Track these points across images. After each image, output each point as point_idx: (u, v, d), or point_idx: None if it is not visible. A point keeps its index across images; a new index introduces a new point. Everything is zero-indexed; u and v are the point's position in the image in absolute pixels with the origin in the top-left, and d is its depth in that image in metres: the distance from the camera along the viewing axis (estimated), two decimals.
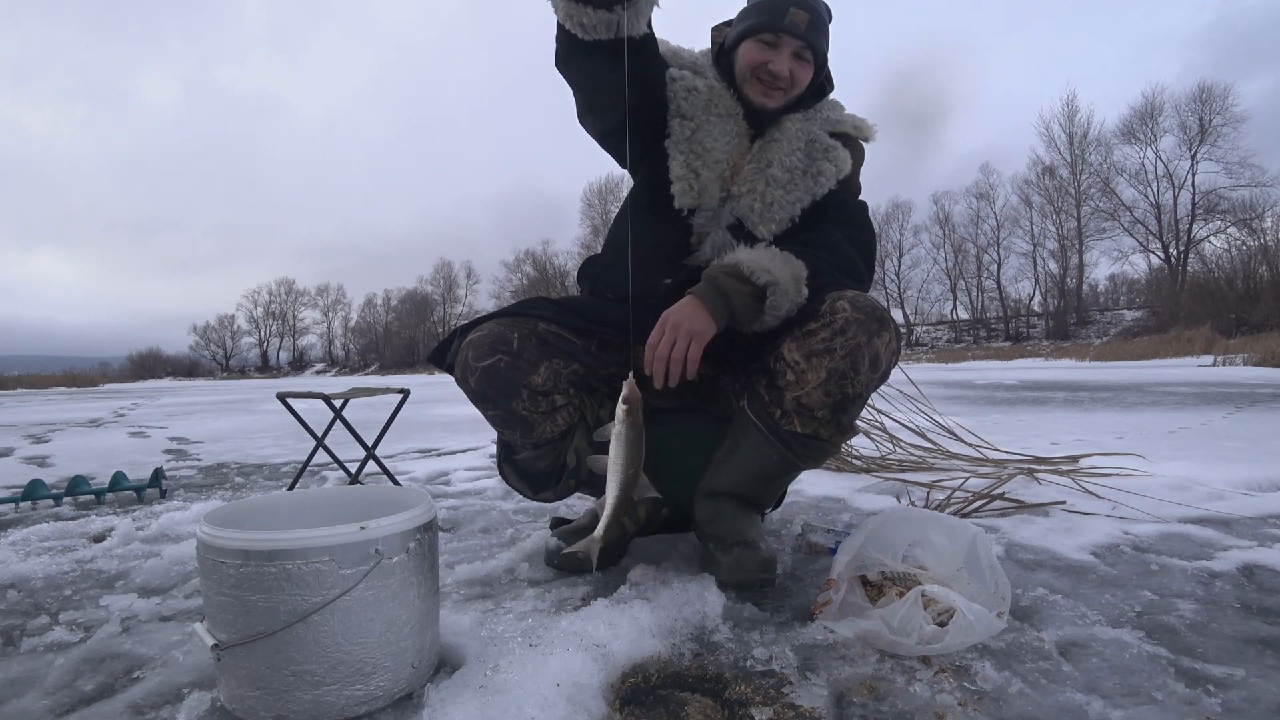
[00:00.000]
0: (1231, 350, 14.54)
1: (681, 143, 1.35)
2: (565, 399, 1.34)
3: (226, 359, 58.59)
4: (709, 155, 1.35)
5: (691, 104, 1.36)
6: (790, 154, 1.36)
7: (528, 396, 1.30)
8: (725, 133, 1.35)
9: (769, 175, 1.35)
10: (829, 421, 1.28)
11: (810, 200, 1.37)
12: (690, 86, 1.37)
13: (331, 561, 0.86)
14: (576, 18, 1.09)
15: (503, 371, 1.28)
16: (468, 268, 55.30)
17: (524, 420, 1.32)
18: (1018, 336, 36.05)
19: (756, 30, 1.32)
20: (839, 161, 1.37)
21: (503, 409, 1.31)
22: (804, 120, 1.39)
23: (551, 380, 1.31)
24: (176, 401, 11.51)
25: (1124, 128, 33.13)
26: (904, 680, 0.96)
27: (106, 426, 6.32)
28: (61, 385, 27.79)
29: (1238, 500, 1.93)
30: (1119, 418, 4.50)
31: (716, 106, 1.36)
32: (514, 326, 1.31)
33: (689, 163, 1.35)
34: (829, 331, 1.21)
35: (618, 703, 0.92)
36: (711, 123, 1.35)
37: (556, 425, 1.34)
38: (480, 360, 1.28)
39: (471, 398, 1.33)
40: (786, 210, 1.35)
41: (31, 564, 1.60)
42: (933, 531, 1.20)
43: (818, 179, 1.36)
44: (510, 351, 1.28)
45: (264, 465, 3.34)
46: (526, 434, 1.34)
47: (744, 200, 1.35)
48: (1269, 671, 0.97)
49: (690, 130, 1.35)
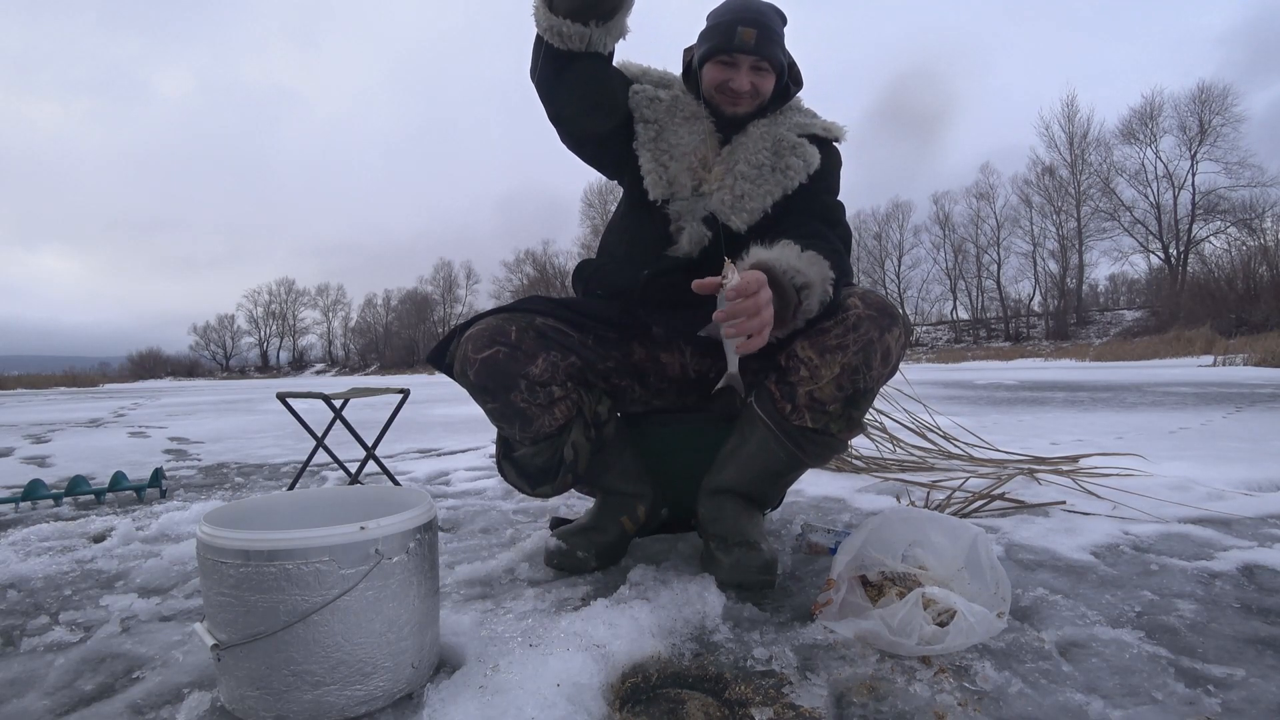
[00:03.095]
0: (1231, 350, 14.53)
1: (648, 143, 1.44)
2: (563, 391, 1.36)
3: (226, 359, 58.61)
4: (676, 150, 1.42)
5: (654, 110, 1.46)
6: (757, 152, 1.41)
7: (526, 388, 1.31)
8: (692, 132, 1.43)
9: (737, 172, 1.40)
10: (840, 416, 1.29)
11: (781, 193, 1.40)
12: (652, 96, 1.47)
13: (331, 561, 0.86)
14: (556, 28, 1.20)
15: (501, 363, 1.29)
16: (468, 268, 55.39)
17: (522, 413, 1.33)
18: (1018, 336, 36.04)
19: (713, 53, 1.39)
20: (806, 157, 1.41)
21: (501, 401, 1.32)
22: (770, 124, 1.44)
23: (549, 372, 1.33)
24: (176, 401, 11.51)
25: (1124, 128, 33.19)
26: (904, 680, 0.96)
27: (106, 426, 6.32)
28: (61, 385, 27.79)
29: (1238, 500, 1.93)
30: (1119, 418, 4.50)
31: (681, 111, 1.45)
32: (512, 320, 1.33)
33: (656, 157, 1.42)
34: (842, 328, 1.24)
35: (618, 703, 0.92)
36: (677, 124, 1.44)
37: (554, 418, 1.35)
38: (479, 352, 1.30)
39: (471, 390, 1.35)
40: (758, 202, 1.39)
41: (31, 564, 1.60)
42: (933, 531, 1.20)
43: (786, 173, 1.40)
44: (508, 343, 1.30)
45: (264, 465, 3.34)
46: (525, 427, 1.35)
47: (715, 195, 1.40)
48: (1269, 671, 0.97)
49: (655, 131, 1.44)
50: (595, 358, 1.41)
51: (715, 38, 1.37)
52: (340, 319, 59.93)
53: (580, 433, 1.39)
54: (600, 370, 1.43)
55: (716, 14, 1.41)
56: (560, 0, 1.18)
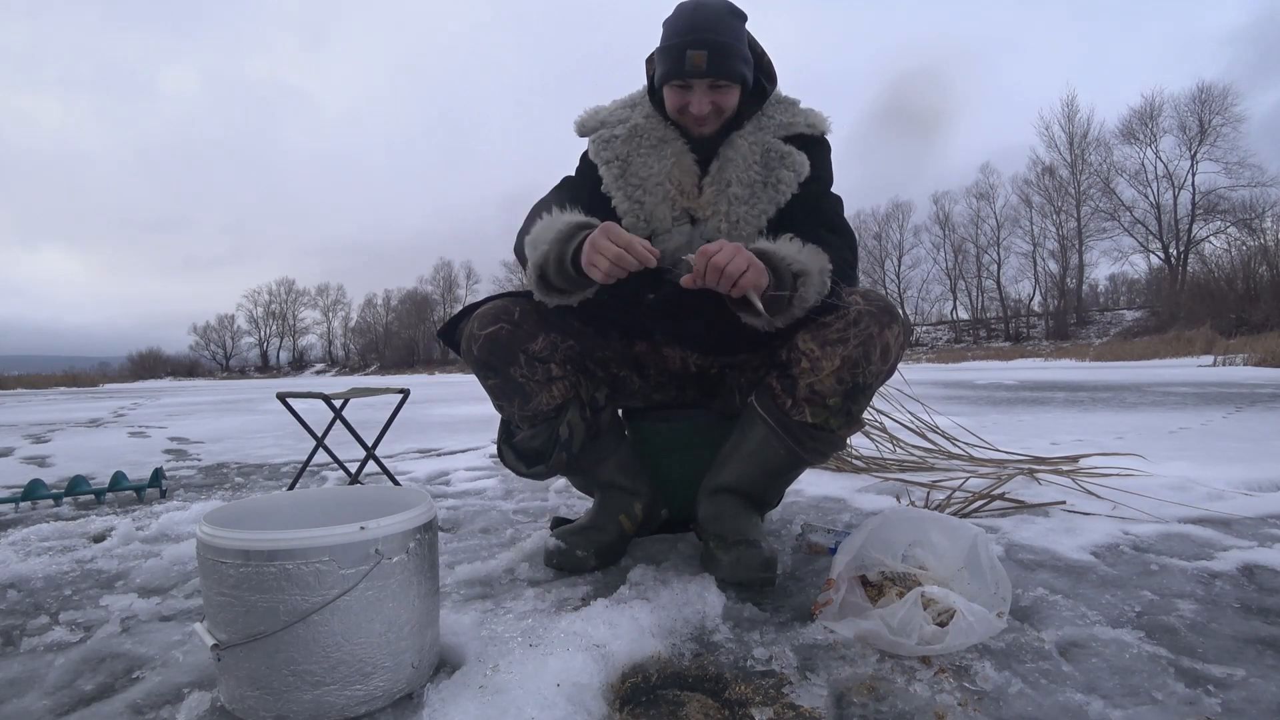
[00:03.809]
0: (1231, 350, 14.52)
1: (615, 181, 1.41)
2: (561, 371, 1.39)
3: (226, 359, 58.62)
4: (648, 182, 1.39)
5: (612, 149, 1.42)
6: (747, 169, 1.38)
7: (525, 362, 1.35)
8: (660, 157, 1.40)
9: (730, 195, 1.38)
10: (839, 411, 1.30)
11: (775, 209, 1.39)
12: (608, 138, 1.44)
13: (331, 561, 0.86)
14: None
15: (503, 338, 1.34)
16: (468, 268, 55.40)
17: (521, 389, 1.37)
18: (1018, 336, 36.05)
19: (667, 78, 1.36)
20: (796, 167, 1.39)
21: (502, 376, 1.36)
22: (756, 130, 1.41)
23: (548, 350, 1.37)
24: (176, 401, 11.51)
25: (1124, 128, 33.19)
26: (904, 680, 0.96)
27: (106, 426, 6.32)
28: (61, 385, 27.77)
29: (1238, 500, 1.93)
30: (1119, 418, 4.50)
31: (644, 139, 1.42)
32: (517, 302, 1.39)
33: (629, 194, 1.40)
34: (843, 323, 1.25)
35: (618, 703, 0.92)
36: (642, 154, 1.41)
37: (552, 397, 1.38)
38: (484, 329, 1.35)
39: (475, 366, 1.39)
40: (753, 224, 1.38)
41: (31, 564, 1.60)
42: (933, 531, 1.20)
43: (778, 187, 1.39)
44: (512, 321, 1.35)
45: (264, 465, 3.34)
46: (524, 404, 1.38)
47: (710, 223, 1.39)
48: (1269, 671, 0.97)
49: (619, 168, 1.41)
50: (594, 345, 1.45)
51: (667, 62, 1.33)
52: (340, 319, 60.05)
53: (576, 413, 1.41)
54: (599, 358, 1.47)
55: (667, 33, 1.35)
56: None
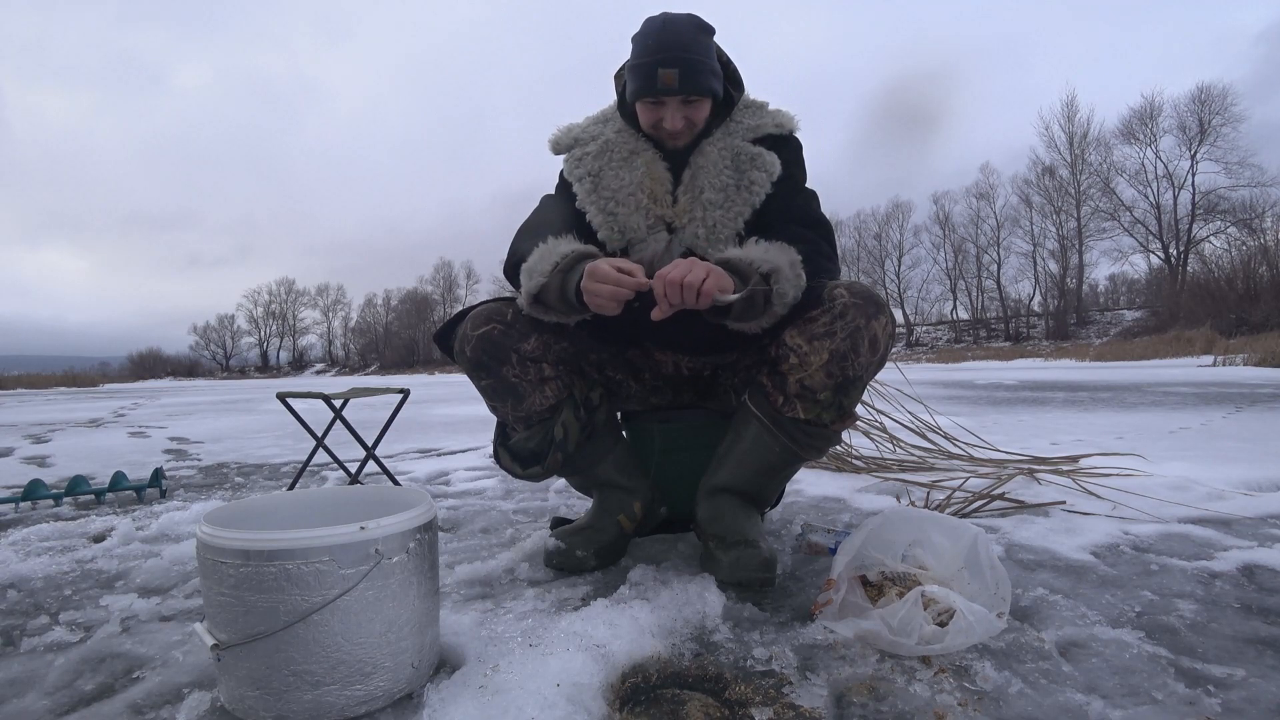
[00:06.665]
0: (1231, 350, 14.51)
1: (589, 196, 1.42)
2: (554, 371, 1.39)
3: (226, 359, 58.64)
4: (619, 193, 1.40)
5: (584, 166, 1.44)
6: (719, 174, 1.39)
7: (517, 362, 1.36)
8: (631, 169, 1.41)
9: (704, 201, 1.38)
10: (831, 405, 1.30)
11: (750, 211, 1.39)
12: (580, 156, 1.45)
13: (331, 561, 0.86)
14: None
15: (496, 338, 1.35)
16: (468, 268, 55.39)
17: (514, 389, 1.37)
18: (1018, 336, 36.05)
19: (639, 95, 1.36)
20: (768, 167, 1.40)
21: (495, 377, 1.37)
22: (724, 136, 1.42)
23: (541, 349, 1.37)
24: (176, 401, 11.51)
25: (1123, 128, 33.17)
26: (904, 680, 0.96)
27: (106, 426, 6.32)
28: (61, 385, 27.77)
29: (1238, 500, 1.93)
30: (1119, 418, 4.50)
31: (615, 152, 1.43)
32: (510, 304, 1.39)
33: (602, 207, 1.41)
34: (829, 316, 1.25)
35: (618, 703, 0.92)
36: (613, 166, 1.42)
37: (545, 397, 1.38)
38: (477, 329, 1.36)
39: (468, 367, 1.39)
40: (729, 227, 1.38)
41: (31, 564, 1.60)
42: (933, 531, 1.20)
43: (752, 189, 1.39)
44: (504, 321, 1.36)
45: (264, 465, 3.34)
46: (517, 404, 1.38)
47: (688, 230, 1.39)
48: (1269, 671, 0.97)
49: (592, 183, 1.43)
50: (587, 347, 1.45)
51: (639, 79, 1.34)
52: (340, 319, 60.04)
53: (570, 413, 1.41)
54: (593, 360, 1.47)
55: (637, 51, 1.35)
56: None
